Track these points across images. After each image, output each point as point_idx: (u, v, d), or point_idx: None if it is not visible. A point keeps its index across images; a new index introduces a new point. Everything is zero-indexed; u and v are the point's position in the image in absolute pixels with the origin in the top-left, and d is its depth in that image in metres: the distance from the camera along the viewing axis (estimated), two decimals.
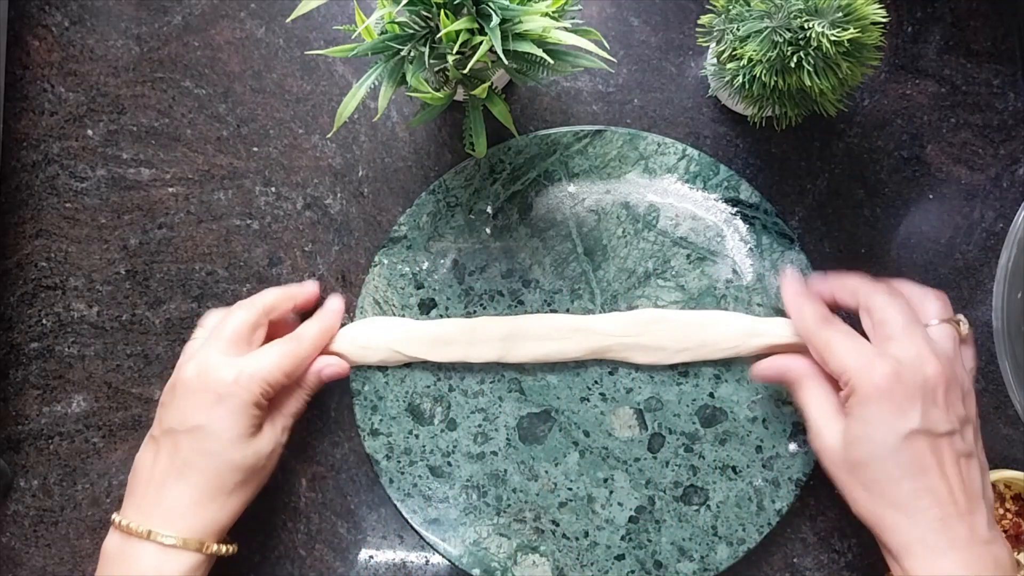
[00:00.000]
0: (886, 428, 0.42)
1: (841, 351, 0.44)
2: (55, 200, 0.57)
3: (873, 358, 0.43)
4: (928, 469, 0.41)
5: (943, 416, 0.42)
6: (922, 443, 0.41)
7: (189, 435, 0.46)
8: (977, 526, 0.41)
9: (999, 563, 0.40)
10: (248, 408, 0.46)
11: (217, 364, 0.47)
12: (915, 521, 0.41)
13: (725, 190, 0.55)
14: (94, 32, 0.58)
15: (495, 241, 0.55)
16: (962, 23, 0.57)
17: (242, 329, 0.49)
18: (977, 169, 0.56)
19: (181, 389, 0.47)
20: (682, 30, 0.57)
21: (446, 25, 0.41)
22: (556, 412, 0.54)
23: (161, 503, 0.45)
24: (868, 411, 0.42)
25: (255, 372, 0.47)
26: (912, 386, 0.42)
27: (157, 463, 0.47)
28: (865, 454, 0.42)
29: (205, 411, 0.46)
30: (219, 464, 0.46)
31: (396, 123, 0.58)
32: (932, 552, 0.40)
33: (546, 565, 0.54)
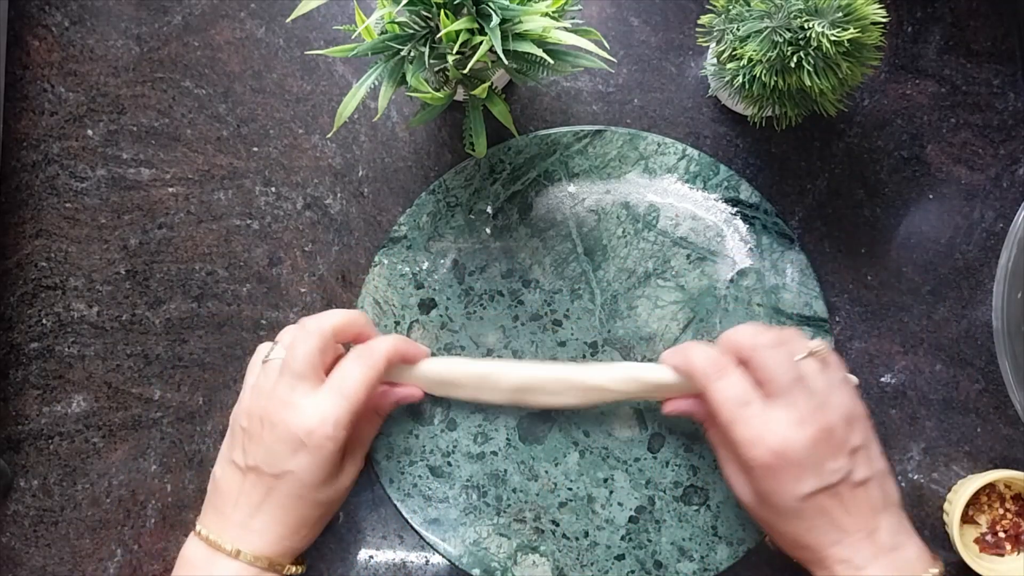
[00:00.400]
0: (785, 496, 0.44)
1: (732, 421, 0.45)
2: (55, 200, 0.57)
3: (759, 435, 0.44)
4: (829, 513, 0.44)
5: (833, 466, 0.44)
6: (821, 497, 0.44)
7: (276, 479, 0.47)
8: (880, 539, 0.44)
9: (905, 565, 0.44)
10: (333, 456, 0.47)
11: (300, 408, 0.47)
12: (832, 554, 0.44)
13: (725, 190, 0.55)
14: (94, 32, 0.58)
15: (495, 241, 0.55)
16: (962, 23, 0.57)
17: (313, 359, 0.48)
18: (977, 169, 0.56)
19: (268, 429, 0.47)
20: (682, 30, 0.57)
21: (446, 25, 0.41)
22: (556, 412, 0.54)
23: (249, 527, 0.47)
24: (763, 485, 0.45)
25: (337, 418, 0.46)
26: (799, 456, 0.44)
27: (243, 491, 0.48)
28: (771, 516, 0.46)
29: (292, 458, 0.46)
30: (304, 504, 0.47)
31: (396, 123, 0.58)
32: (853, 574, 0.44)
33: (546, 565, 0.53)
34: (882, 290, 0.56)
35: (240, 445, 0.48)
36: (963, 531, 0.54)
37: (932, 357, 0.56)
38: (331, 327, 0.49)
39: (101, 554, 0.56)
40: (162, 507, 0.56)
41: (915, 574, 0.43)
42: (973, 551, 0.54)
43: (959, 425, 0.55)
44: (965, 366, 0.56)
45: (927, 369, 0.56)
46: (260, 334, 0.57)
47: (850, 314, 0.56)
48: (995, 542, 0.54)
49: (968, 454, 0.55)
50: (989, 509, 0.54)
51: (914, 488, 0.55)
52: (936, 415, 0.55)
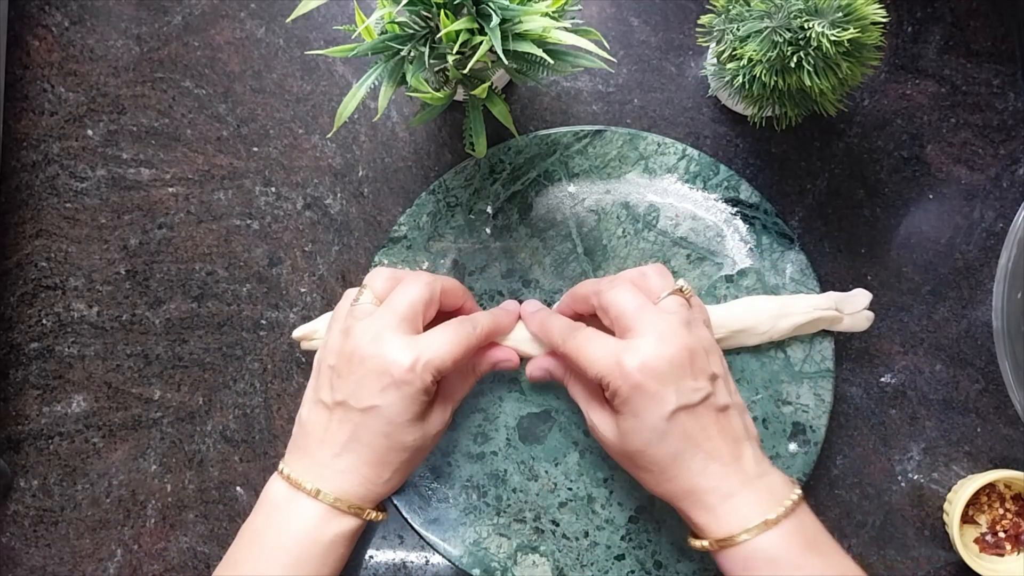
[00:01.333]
0: (649, 417, 0.44)
1: (590, 357, 0.46)
2: (55, 200, 0.57)
3: (619, 355, 0.45)
4: (694, 437, 0.44)
5: (694, 385, 0.45)
6: (683, 417, 0.44)
7: (363, 414, 0.46)
8: (746, 467, 0.45)
9: (773, 491, 0.44)
10: (420, 395, 0.46)
11: (394, 345, 0.46)
12: (699, 483, 0.44)
13: (725, 190, 0.55)
14: (94, 32, 0.58)
15: (495, 241, 0.55)
16: (962, 23, 0.57)
17: (417, 306, 0.48)
18: (977, 169, 0.56)
19: (357, 364, 0.46)
20: (682, 30, 0.57)
21: (446, 25, 0.41)
22: (556, 412, 0.54)
23: (332, 467, 0.46)
24: (630, 405, 0.45)
25: (430, 360, 0.46)
26: (660, 371, 0.44)
27: (329, 429, 0.47)
28: (639, 443, 0.45)
29: (380, 393, 0.46)
30: (390, 444, 0.46)
31: (396, 123, 0.58)
32: (722, 503, 0.44)
33: (546, 565, 0.53)
34: (882, 290, 0.56)
35: (327, 383, 0.48)
36: (963, 531, 0.54)
37: (932, 357, 0.56)
38: (441, 283, 0.50)
39: (101, 554, 0.56)
40: (162, 507, 0.56)
41: (782, 498, 0.44)
42: (973, 551, 0.54)
43: (959, 425, 0.55)
44: (965, 366, 0.56)
45: (927, 369, 0.56)
46: (260, 334, 0.57)
47: None
48: (995, 542, 0.54)
49: (968, 454, 0.55)
50: (989, 509, 0.54)
51: (914, 488, 0.55)
52: (936, 415, 0.55)
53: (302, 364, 0.57)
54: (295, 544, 0.45)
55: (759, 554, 0.43)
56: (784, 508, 0.43)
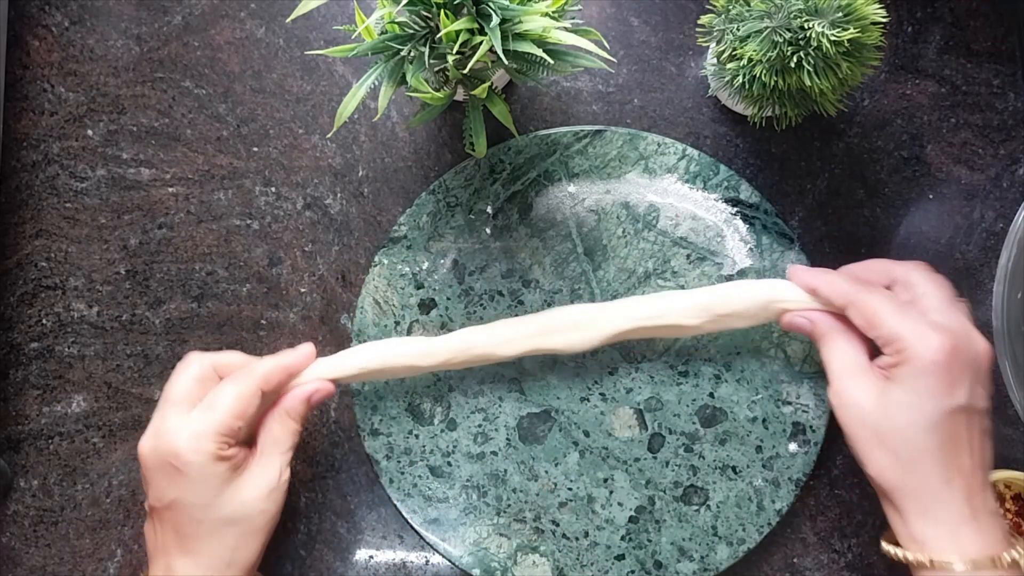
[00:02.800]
0: (935, 402, 0.42)
1: (891, 317, 0.44)
2: (55, 200, 0.57)
3: (928, 329, 0.43)
4: (961, 445, 0.42)
5: (983, 393, 0.43)
6: (961, 419, 0.42)
7: (169, 511, 0.45)
8: (988, 499, 0.43)
9: (1003, 534, 0.43)
10: (209, 467, 0.44)
11: (167, 432, 0.45)
12: (938, 492, 0.42)
13: (725, 190, 0.55)
14: (94, 32, 0.58)
15: (495, 241, 0.55)
16: (962, 23, 0.57)
17: (190, 386, 0.46)
18: (977, 169, 0.56)
19: (145, 468, 0.45)
20: (682, 30, 0.57)
21: (446, 25, 0.41)
22: (556, 412, 0.54)
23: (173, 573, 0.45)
24: (920, 382, 0.42)
25: (205, 429, 0.44)
26: (965, 362, 0.43)
27: (156, 535, 0.46)
28: (903, 421, 0.43)
29: (170, 485, 0.44)
30: (209, 527, 0.44)
31: (396, 123, 0.58)
32: (952, 523, 0.42)
33: (546, 565, 0.53)
34: None
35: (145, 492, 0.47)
36: None
37: None
38: (212, 357, 0.48)
39: (101, 554, 0.56)
40: None
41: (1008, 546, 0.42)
42: None
43: None
44: None
45: None
46: (260, 334, 0.57)
47: None
48: None
49: None
50: None
51: None
52: None
53: None
54: None
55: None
56: (1009, 557, 0.42)
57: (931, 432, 0.42)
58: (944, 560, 0.41)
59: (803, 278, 0.49)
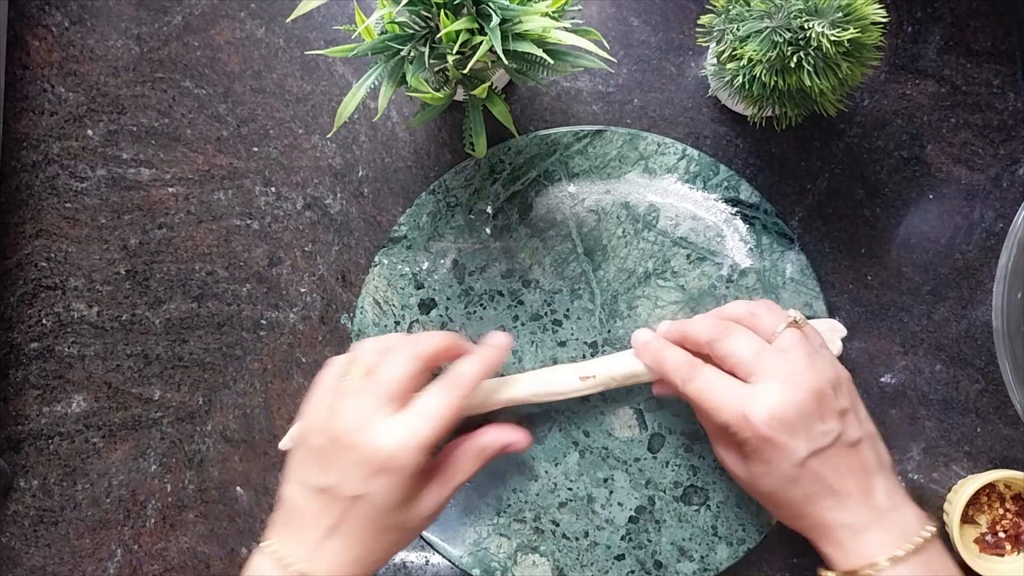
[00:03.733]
0: (781, 466, 0.44)
1: (715, 404, 0.46)
2: (55, 200, 0.57)
3: (745, 406, 0.44)
4: (825, 479, 0.44)
5: (823, 428, 0.44)
6: (813, 463, 0.44)
7: (351, 502, 0.44)
8: (877, 501, 0.45)
9: (903, 525, 0.44)
10: (409, 480, 0.45)
11: (379, 431, 0.45)
12: (832, 519, 0.44)
13: (725, 190, 0.55)
14: (94, 32, 0.58)
15: (495, 241, 0.55)
16: (962, 23, 0.57)
17: (404, 383, 0.46)
18: (977, 169, 0.56)
19: (342, 449, 0.45)
20: (682, 30, 0.57)
21: (446, 25, 0.41)
22: (556, 412, 0.54)
23: (319, 549, 0.45)
24: (760, 456, 0.45)
25: (418, 442, 0.44)
26: (789, 420, 0.44)
27: (314, 512, 0.45)
28: (771, 486, 0.45)
29: (366, 482, 0.44)
30: (378, 528, 0.45)
31: (396, 123, 0.58)
32: (854, 537, 0.44)
33: (546, 565, 0.53)
34: (882, 290, 0.56)
35: (313, 464, 0.46)
36: (963, 531, 0.54)
37: (932, 357, 0.56)
38: (432, 348, 0.48)
39: (101, 554, 0.56)
40: (162, 507, 0.56)
41: (911, 534, 0.44)
42: (973, 551, 0.54)
43: (959, 425, 0.55)
44: (965, 366, 0.56)
45: (927, 369, 0.56)
46: (260, 334, 0.57)
47: (850, 314, 0.56)
48: (995, 542, 0.54)
49: (968, 454, 0.55)
50: (989, 509, 0.54)
51: (914, 488, 0.55)
52: (936, 415, 0.55)
53: (302, 364, 0.57)
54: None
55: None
56: (913, 545, 0.43)
57: (794, 486, 0.45)
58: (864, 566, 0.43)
59: (641, 357, 0.51)
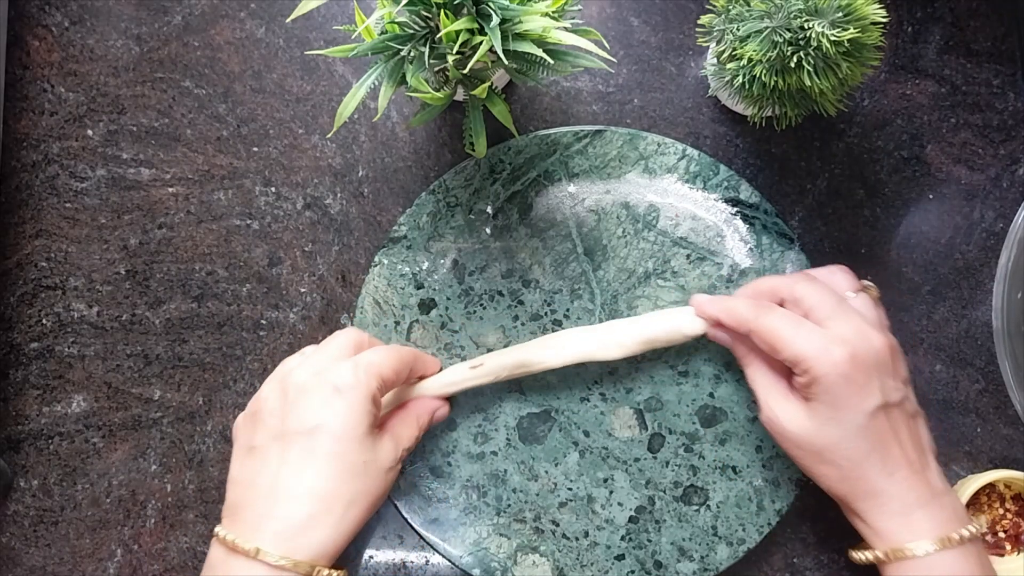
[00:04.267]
0: (853, 410, 0.44)
1: (792, 338, 0.45)
2: (55, 200, 0.57)
3: (827, 343, 0.44)
4: (890, 439, 0.44)
5: (895, 385, 0.45)
6: (882, 416, 0.44)
7: (308, 435, 0.43)
8: (933, 480, 0.45)
9: (956, 511, 0.45)
10: (366, 402, 0.44)
11: (330, 364, 0.46)
12: (885, 488, 0.44)
13: (725, 190, 0.55)
14: (94, 32, 0.58)
15: (495, 241, 0.55)
16: (962, 23, 0.57)
17: (349, 343, 0.48)
18: (977, 169, 0.56)
19: (294, 391, 0.45)
20: (682, 30, 0.57)
21: (446, 25, 0.41)
22: (556, 412, 0.54)
23: (272, 516, 0.42)
24: (833, 396, 0.44)
25: (369, 364, 0.45)
26: (867, 364, 0.44)
27: (266, 471, 0.43)
28: (834, 436, 0.44)
29: (323, 407, 0.43)
30: (343, 465, 0.43)
31: (396, 123, 0.58)
32: (904, 513, 0.44)
33: (546, 565, 0.53)
34: (882, 290, 0.56)
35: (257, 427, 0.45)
36: None
37: (932, 357, 0.56)
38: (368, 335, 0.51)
39: (101, 554, 0.56)
40: (162, 507, 0.56)
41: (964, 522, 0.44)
42: None
43: (959, 425, 0.55)
44: (965, 366, 0.56)
45: (927, 369, 0.56)
46: (260, 334, 0.57)
47: None
48: (995, 542, 0.54)
49: (968, 454, 0.55)
50: (989, 509, 0.54)
51: None
52: (936, 415, 0.55)
53: None
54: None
55: (935, 571, 0.42)
56: (968, 532, 0.43)
57: (860, 438, 0.44)
58: (902, 548, 0.43)
59: (705, 310, 0.50)
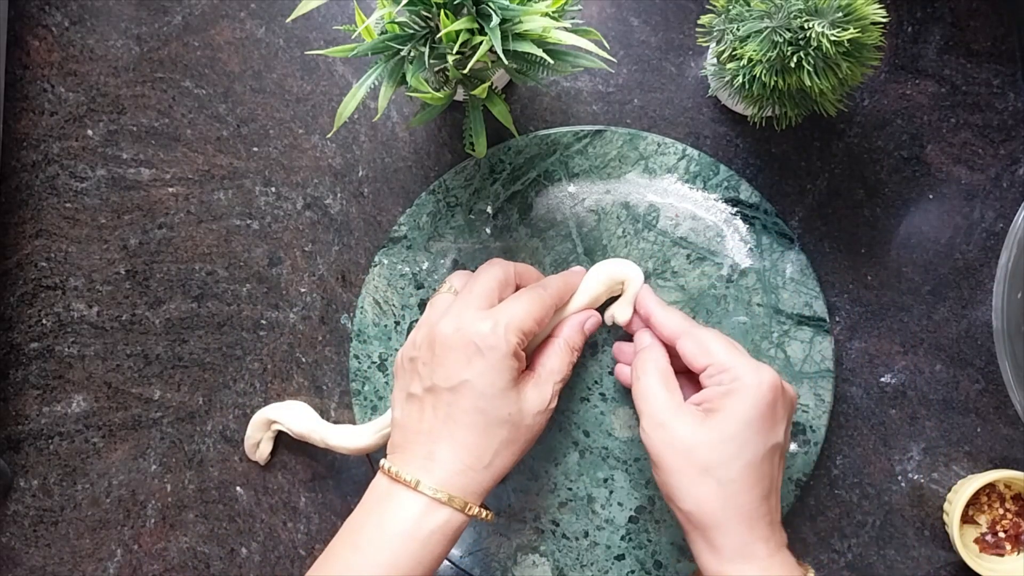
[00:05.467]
0: (760, 437, 0.44)
1: (725, 349, 0.46)
2: (55, 200, 0.57)
3: (757, 364, 0.45)
4: (769, 480, 0.45)
5: (788, 431, 0.46)
6: (776, 456, 0.45)
7: (453, 392, 0.45)
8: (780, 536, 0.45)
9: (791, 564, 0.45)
10: (509, 360, 0.45)
11: (472, 318, 0.46)
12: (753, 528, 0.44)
13: (725, 190, 0.55)
14: (94, 32, 0.58)
15: (495, 241, 0.55)
16: (962, 23, 0.57)
17: (491, 284, 0.48)
18: (977, 169, 0.56)
19: (440, 346, 0.46)
20: (682, 30, 0.57)
21: (446, 25, 0.41)
22: (556, 412, 0.54)
23: (432, 457, 0.45)
24: (747, 416, 0.44)
25: (510, 321, 0.46)
26: (786, 402, 0.45)
27: (423, 419, 0.46)
28: (731, 454, 0.44)
29: (467, 366, 0.45)
30: (487, 420, 0.45)
31: (396, 123, 0.58)
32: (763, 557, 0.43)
33: (546, 565, 0.53)
34: (882, 290, 0.56)
35: (414, 375, 0.47)
36: (963, 531, 0.54)
37: (932, 357, 0.56)
38: (515, 267, 0.50)
39: (101, 554, 0.56)
40: (162, 507, 0.56)
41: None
42: (973, 551, 0.54)
43: (959, 425, 0.55)
44: (965, 366, 0.56)
45: (927, 369, 0.56)
46: (260, 334, 0.57)
47: (850, 314, 0.56)
48: (995, 542, 0.54)
49: (968, 454, 0.55)
50: (989, 509, 0.55)
51: (914, 488, 0.55)
52: (936, 415, 0.55)
53: (302, 364, 0.57)
54: (391, 539, 0.43)
55: None
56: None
57: (753, 467, 0.44)
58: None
59: (645, 303, 0.51)
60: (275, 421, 0.55)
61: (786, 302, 0.54)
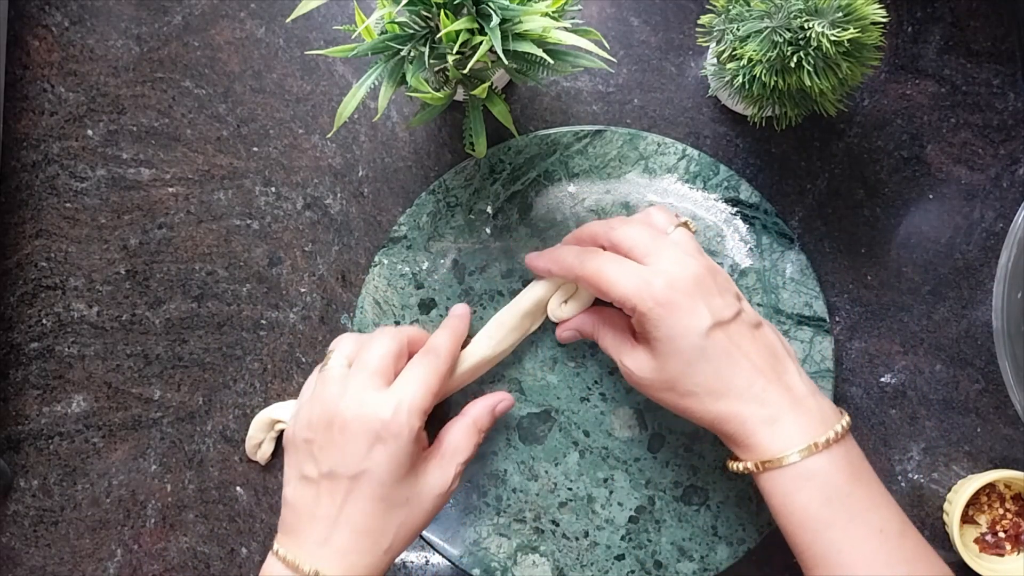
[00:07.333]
0: (685, 335, 0.44)
1: (615, 278, 0.45)
2: (55, 200, 0.57)
3: (646, 277, 0.45)
4: (735, 354, 0.44)
5: (724, 302, 0.45)
6: (719, 334, 0.44)
7: (353, 480, 0.44)
8: (793, 385, 0.44)
9: (822, 413, 0.44)
10: (409, 445, 0.45)
11: (372, 401, 0.45)
12: (745, 402, 0.44)
13: (725, 190, 0.55)
14: (94, 32, 0.58)
15: (495, 241, 0.55)
16: (962, 23, 0.57)
17: (387, 359, 0.47)
18: (977, 169, 0.56)
19: (338, 431, 0.45)
20: (682, 30, 0.57)
21: (446, 25, 0.41)
22: (556, 412, 0.54)
23: (329, 543, 0.44)
24: (664, 327, 0.44)
25: (412, 402, 0.45)
26: (687, 288, 0.44)
27: (320, 504, 0.45)
28: (679, 366, 0.44)
29: (367, 455, 0.44)
30: (386, 505, 0.45)
31: (396, 123, 0.58)
32: (769, 423, 0.43)
33: (546, 565, 0.54)
34: (882, 290, 0.56)
35: (308, 457, 0.46)
36: (963, 531, 0.54)
37: (932, 357, 0.56)
38: (407, 333, 0.50)
39: (101, 554, 0.56)
40: (162, 507, 0.56)
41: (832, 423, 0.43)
42: (973, 551, 0.54)
43: (959, 425, 0.55)
44: (965, 366, 0.56)
45: (927, 369, 0.56)
46: (260, 334, 0.57)
47: (850, 314, 0.56)
48: (995, 542, 0.54)
49: (968, 454, 0.55)
50: (989, 509, 0.55)
51: (914, 488, 0.55)
52: (936, 415, 0.55)
53: (302, 364, 0.57)
54: None
55: (804, 477, 0.42)
56: (834, 433, 0.43)
57: (702, 361, 0.44)
58: (770, 458, 0.43)
59: (536, 264, 0.51)
60: (279, 421, 0.54)
61: (786, 302, 0.54)
